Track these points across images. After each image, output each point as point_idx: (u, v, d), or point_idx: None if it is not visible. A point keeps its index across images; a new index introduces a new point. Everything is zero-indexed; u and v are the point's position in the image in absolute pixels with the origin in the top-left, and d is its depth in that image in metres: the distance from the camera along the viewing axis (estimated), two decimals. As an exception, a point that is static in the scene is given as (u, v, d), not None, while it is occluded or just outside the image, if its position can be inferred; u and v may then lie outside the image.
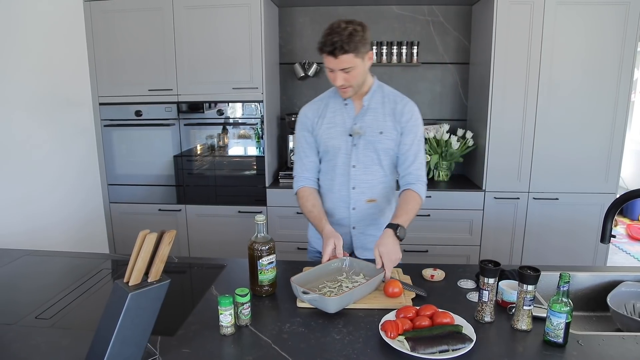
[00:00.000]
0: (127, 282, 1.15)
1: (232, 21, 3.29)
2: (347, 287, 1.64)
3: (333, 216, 2.00)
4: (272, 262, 1.63)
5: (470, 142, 3.56)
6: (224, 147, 3.57)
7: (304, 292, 1.53)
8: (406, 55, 3.71)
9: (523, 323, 1.39)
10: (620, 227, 5.62)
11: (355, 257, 1.97)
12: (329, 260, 1.77)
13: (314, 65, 3.82)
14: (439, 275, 1.79)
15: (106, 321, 1.15)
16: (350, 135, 1.92)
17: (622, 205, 1.62)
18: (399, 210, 1.87)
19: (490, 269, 1.41)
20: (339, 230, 1.96)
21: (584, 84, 3.20)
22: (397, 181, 2.04)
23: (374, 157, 1.93)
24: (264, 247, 1.60)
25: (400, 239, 1.75)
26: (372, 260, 1.74)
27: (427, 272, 1.80)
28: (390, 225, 1.78)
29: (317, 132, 1.97)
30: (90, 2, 3.33)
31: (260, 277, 1.62)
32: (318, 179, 2.05)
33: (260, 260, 1.60)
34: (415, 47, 3.70)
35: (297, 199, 2.03)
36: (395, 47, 3.69)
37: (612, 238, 1.71)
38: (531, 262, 1.93)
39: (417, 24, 3.78)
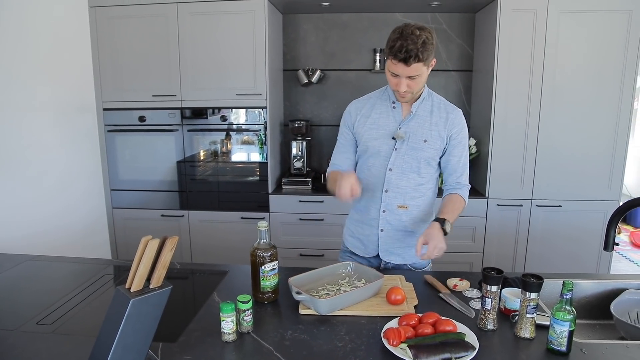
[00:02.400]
0: (129, 288, 1.15)
1: (236, 28, 3.30)
2: (345, 290, 1.64)
3: (364, 215, 2.00)
4: (274, 269, 1.62)
5: (474, 149, 3.56)
6: (227, 153, 3.57)
7: (298, 292, 1.55)
8: (409, 62, 3.71)
9: (526, 331, 1.38)
10: (624, 234, 5.59)
11: (380, 259, 1.99)
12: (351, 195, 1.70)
13: (318, 72, 3.83)
14: (463, 285, 1.76)
15: (107, 327, 1.15)
16: (394, 138, 1.89)
17: (625, 212, 1.61)
18: (445, 207, 1.87)
19: (493, 276, 1.41)
20: (367, 230, 2.00)
21: (587, 91, 3.20)
22: (441, 188, 2.03)
23: (413, 163, 1.90)
24: (266, 254, 1.60)
25: (445, 233, 1.75)
26: (396, 266, 1.74)
27: (452, 282, 1.77)
28: (437, 219, 1.78)
29: (358, 130, 1.95)
30: (95, 8, 3.35)
31: (263, 283, 1.61)
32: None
33: (263, 267, 1.60)
34: (419, 54, 3.69)
35: (327, 181, 2.03)
36: (398, 54, 3.69)
37: (615, 246, 1.70)
38: (534, 270, 1.93)
39: (420, 31, 3.78)
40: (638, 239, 5.30)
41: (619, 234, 5.56)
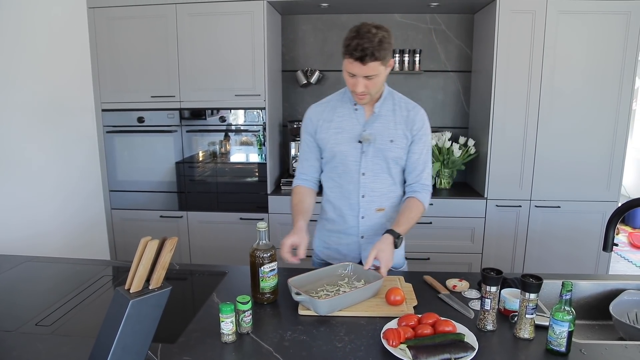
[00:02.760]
0: (128, 289, 1.15)
1: (235, 28, 3.30)
2: (345, 291, 1.64)
3: (342, 224, 1.96)
4: (273, 270, 1.62)
5: (472, 150, 3.56)
6: (226, 153, 3.57)
7: (297, 293, 1.55)
8: (408, 63, 3.72)
9: (525, 332, 1.38)
10: (622, 235, 5.60)
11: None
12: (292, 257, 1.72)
13: (317, 73, 3.83)
14: (462, 286, 1.76)
15: (107, 328, 1.15)
16: (360, 142, 1.86)
17: (624, 213, 1.61)
18: (400, 217, 1.83)
19: (493, 277, 1.41)
20: (347, 239, 1.96)
21: (586, 92, 3.20)
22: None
23: (383, 165, 1.88)
24: (265, 255, 1.60)
25: (396, 246, 1.75)
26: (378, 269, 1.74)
27: (451, 283, 1.77)
28: (391, 232, 1.76)
29: (322, 135, 1.91)
30: (94, 9, 3.35)
31: (262, 284, 1.61)
32: (320, 180, 2.02)
33: (262, 268, 1.59)
34: (418, 55, 3.70)
35: (291, 196, 2.01)
36: (397, 55, 3.70)
37: (614, 246, 1.71)
38: (533, 270, 1.92)
39: (419, 32, 3.79)
40: (636, 240, 5.30)
41: (617, 234, 5.57)
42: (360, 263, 1.95)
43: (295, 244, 1.74)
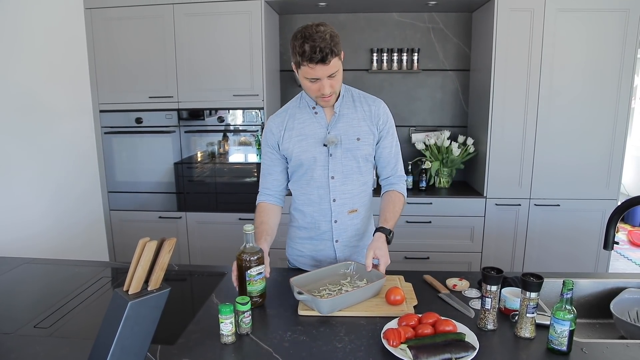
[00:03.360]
0: (127, 291, 1.14)
1: (233, 28, 3.30)
2: (347, 290, 1.63)
3: (314, 231, 1.92)
4: (261, 273, 1.58)
5: (471, 149, 3.56)
6: (225, 154, 3.56)
7: (299, 292, 1.54)
8: (407, 62, 3.72)
9: (526, 331, 1.38)
10: (622, 233, 5.60)
11: None
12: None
13: (315, 72, 3.81)
14: (462, 285, 1.75)
15: (105, 330, 1.14)
16: (325, 145, 1.81)
17: (624, 212, 1.61)
18: (386, 212, 1.82)
19: (493, 276, 1.40)
20: (321, 245, 1.93)
21: (585, 90, 3.20)
22: (377, 183, 1.99)
23: (353, 165, 1.84)
24: (252, 258, 1.56)
25: (388, 243, 1.74)
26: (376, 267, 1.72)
27: (451, 282, 1.76)
28: (382, 230, 1.75)
29: (285, 145, 1.84)
30: (91, 10, 3.34)
31: (249, 288, 1.57)
32: (284, 193, 1.98)
33: (249, 271, 1.56)
34: (416, 54, 3.70)
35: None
36: (395, 54, 3.70)
37: (615, 244, 1.70)
38: (533, 269, 1.92)
39: (417, 31, 3.78)
40: (636, 238, 5.30)
41: (617, 232, 5.56)
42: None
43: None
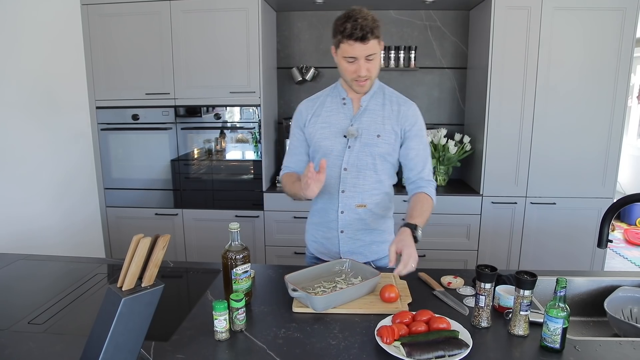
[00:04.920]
0: (121, 287, 1.14)
1: (230, 25, 3.29)
2: (341, 288, 1.64)
3: (324, 217, 1.95)
4: (246, 271, 1.58)
5: (468, 147, 3.56)
6: (221, 151, 3.56)
7: (294, 290, 1.54)
8: (404, 59, 3.72)
9: (520, 328, 1.38)
10: (618, 231, 5.62)
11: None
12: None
13: (312, 70, 3.82)
14: (457, 283, 1.75)
15: (99, 326, 1.14)
16: (345, 136, 1.84)
17: (618, 210, 1.62)
18: (414, 210, 1.75)
19: (487, 273, 1.41)
20: (327, 233, 1.95)
21: (581, 88, 3.20)
22: (405, 186, 1.95)
23: (368, 161, 1.84)
24: (238, 256, 1.55)
25: (416, 240, 1.63)
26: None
27: (446, 280, 1.76)
28: (408, 225, 1.66)
29: (310, 130, 1.90)
30: (87, 6, 3.33)
31: (235, 286, 1.56)
32: None
33: (235, 270, 1.55)
34: (413, 52, 3.70)
35: (282, 186, 1.97)
36: (393, 52, 3.70)
37: (609, 243, 1.71)
38: (529, 267, 1.93)
39: (414, 28, 3.78)
40: (632, 237, 5.32)
41: (612, 231, 5.59)
42: (340, 258, 1.92)
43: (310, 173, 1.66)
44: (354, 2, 3.50)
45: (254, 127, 3.46)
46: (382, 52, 1.80)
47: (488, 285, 1.41)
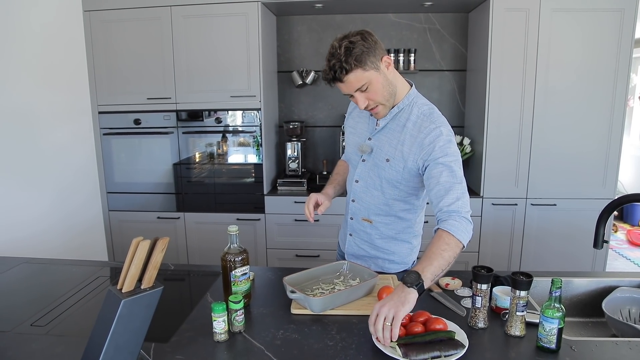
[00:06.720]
0: (121, 289, 1.16)
1: (230, 30, 3.31)
2: (340, 289, 1.65)
3: (345, 215, 2.00)
4: (245, 274, 1.59)
5: (468, 149, 3.57)
6: (223, 155, 3.58)
7: (292, 291, 1.55)
8: (403, 62, 3.73)
9: (516, 329, 1.39)
10: (620, 232, 5.60)
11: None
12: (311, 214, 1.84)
13: (312, 73, 3.84)
14: (454, 284, 1.76)
15: (99, 328, 1.16)
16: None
17: (614, 209, 1.63)
18: (427, 252, 1.47)
19: (483, 274, 1.42)
20: (343, 230, 2.01)
21: (581, 89, 3.21)
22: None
23: (376, 181, 1.77)
24: (237, 258, 1.57)
25: (419, 292, 1.35)
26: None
27: (443, 281, 1.77)
28: (406, 275, 1.38)
29: (345, 130, 1.96)
30: (89, 12, 3.36)
31: (234, 288, 1.57)
32: None
33: (234, 272, 1.56)
34: (413, 55, 3.71)
35: None
36: (392, 55, 3.71)
37: (605, 243, 1.72)
38: (530, 268, 1.94)
39: (414, 31, 3.80)
40: (635, 237, 5.31)
41: (615, 232, 5.57)
42: (344, 259, 1.96)
43: (319, 201, 1.86)
44: (353, 6, 3.55)
45: (255, 131, 3.48)
46: (389, 66, 1.59)
47: (484, 286, 1.42)
